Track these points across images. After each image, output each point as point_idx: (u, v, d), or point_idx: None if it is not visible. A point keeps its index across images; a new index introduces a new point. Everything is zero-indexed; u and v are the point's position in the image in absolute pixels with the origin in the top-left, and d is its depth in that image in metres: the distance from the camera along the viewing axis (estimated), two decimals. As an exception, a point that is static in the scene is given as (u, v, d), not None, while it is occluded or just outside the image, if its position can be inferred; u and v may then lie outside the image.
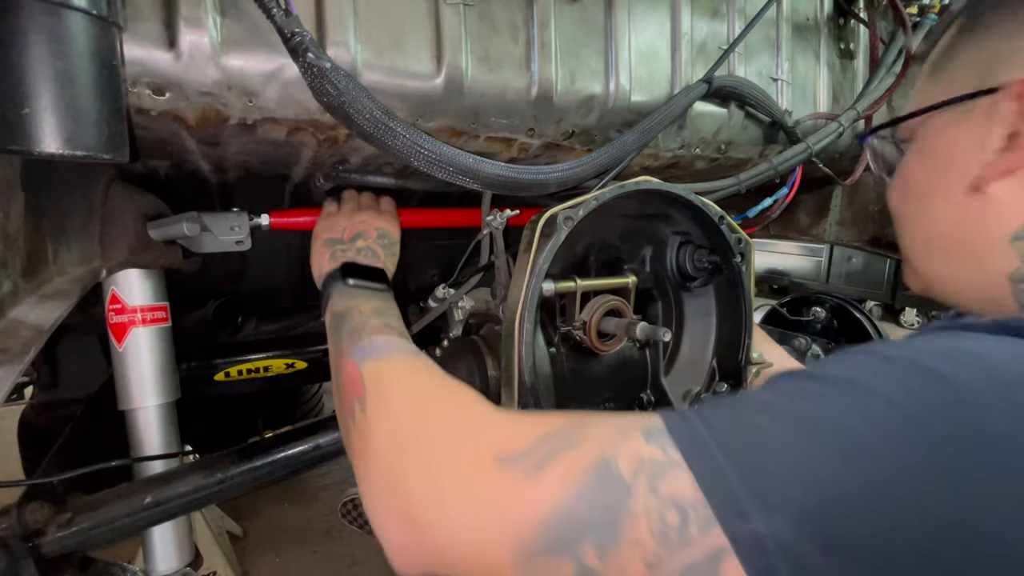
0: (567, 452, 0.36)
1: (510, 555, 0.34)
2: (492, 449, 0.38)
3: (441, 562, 0.39)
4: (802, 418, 0.32)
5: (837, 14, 0.97)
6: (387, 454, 0.44)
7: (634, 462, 0.33)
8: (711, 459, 0.31)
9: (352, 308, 0.64)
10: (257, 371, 1.34)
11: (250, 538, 1.58)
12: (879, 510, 0.28)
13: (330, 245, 0.75)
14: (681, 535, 0.30)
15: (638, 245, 0.83)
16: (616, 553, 0.32)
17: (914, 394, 0.30)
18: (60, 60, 0.41)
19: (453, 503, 0.38)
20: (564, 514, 0.33)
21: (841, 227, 1.22)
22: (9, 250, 0.53)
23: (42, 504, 0.67)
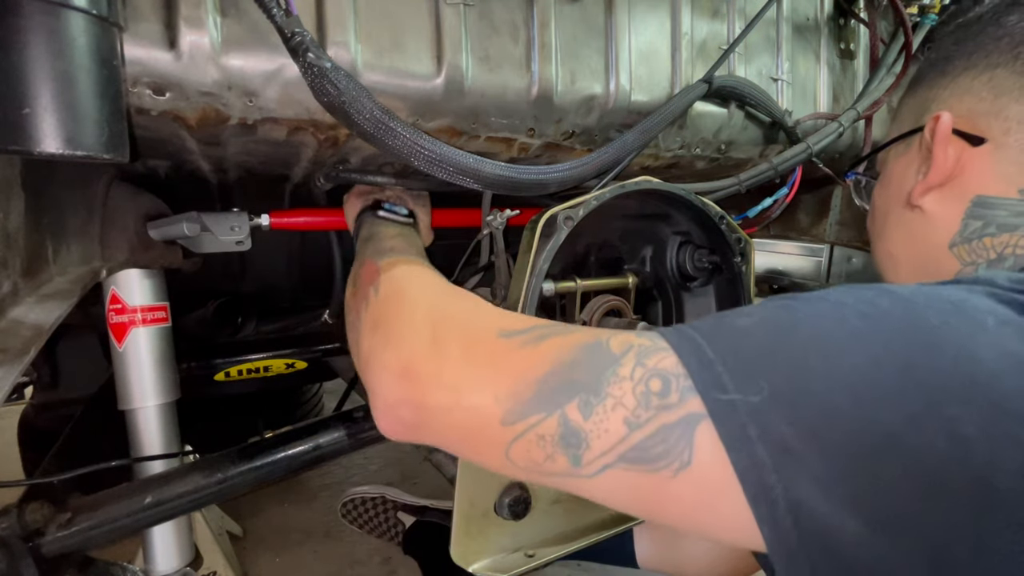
0: (564, 334, 0.40)
1: (500, 410, 0.37)
2: (497, 325, 0.42)
3: (430, 420, 0.41)
4: (778, 319, 0.35)
5: (837, 14, 0.97)
6: (395, 322, 0.46)
7: (625, 344, 0.37)
8: (696, 345, 0.34)
9: (377, 232, 0.68)
10: (257, 371, 1.34)
11: (250, 538, 1.57)
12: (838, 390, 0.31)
13: (362, 195, 0.79)
14: (661, 399, 0.33)
15: (638, 245, 0.83)
16: (600, 410, 0.34)
17: (875, 304, 0.34)
18: (60, 60, 0.41)
19: (453, 359, 0.41)
20: (555, 375, 0.36)
21: (841, 227, 1.22)
22: (9, 250, 0.53)
23: (42, 504, 0.67)
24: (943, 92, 0.56)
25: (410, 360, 0.42)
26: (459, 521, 0.67)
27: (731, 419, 0.31)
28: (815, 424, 0.30)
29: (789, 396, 0.31)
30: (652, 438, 0.33)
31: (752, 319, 0.36)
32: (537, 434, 0.36)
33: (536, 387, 0.37)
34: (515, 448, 0.37)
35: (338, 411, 0.89)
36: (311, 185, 0.82)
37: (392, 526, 1.47)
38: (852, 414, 0.30)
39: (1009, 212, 0.48)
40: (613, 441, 0.34)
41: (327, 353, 1.40)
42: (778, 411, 0.31)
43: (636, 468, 0.34)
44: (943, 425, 0.29)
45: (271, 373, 1.35)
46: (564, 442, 0.35)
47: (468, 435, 0.40)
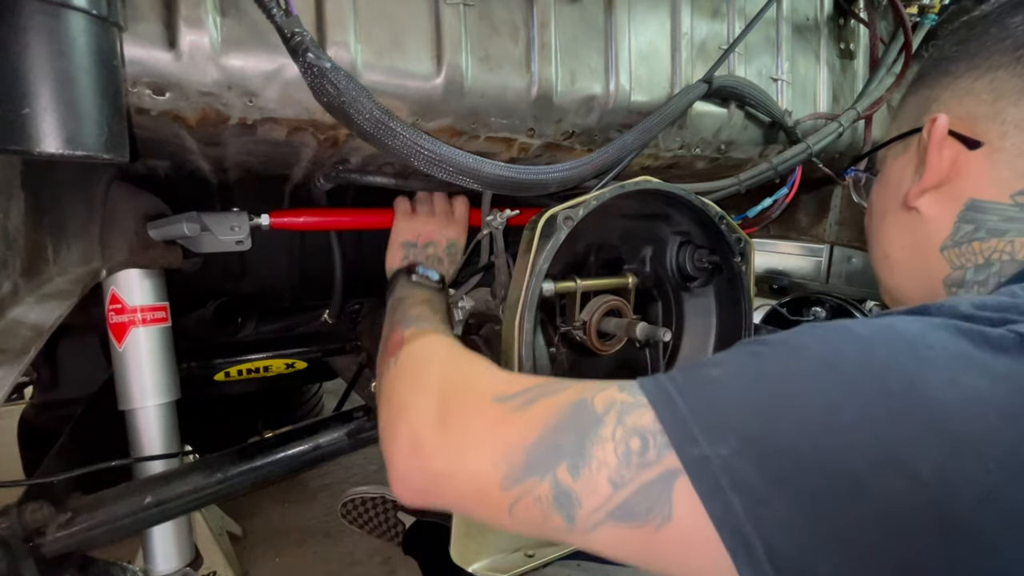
0: (552, 395, 0.42)
1: (498, 476, 0.40)
2: (492, 391, 0.45)
3: (438, 489, 0.45)
4: (746, 368, 0.38)
5: (837, 14, 0.97)
6: (406, 394, 0.51)
7: (607, 402, 0.39)
8: (670, 400, 0.36)
9: (408, 296, 0.72)
10: (257, 371, 1.34)
11: (250, 538, 1.57)
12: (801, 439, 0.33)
13: (405, 248, 0.83)
14: (641, 457, 0.35)
15: (638, 245, 0.83)
16: (585, 471, 0.37)
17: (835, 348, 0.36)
18: (60, 60, 0.41)
19: (453, 431, 0.44)
20: (544, 440, 0.39)
21: (841, 227, 1.22)
22: (9, 250, 0.53)
23: (42, 504, 0.67)
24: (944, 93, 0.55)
25: (417, 435, 0.46)
26: (459, 521, 0.67)
27: (705, 473, 0.33)
28: (781, 473, 0.32)
29: (757, 447, 0.33)
30: (635, 496, 0.35)
31: (723, 369, 0.38)
32: (534, 496, 0.39)
33: (527, 453, 0.39)
34: (516, 510, 0.40)
35: (338, 411, 0.89)
36: (311, 185, 0.82)
37: (392, 526, 1.47)
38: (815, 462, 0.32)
39: (1000, 217, 0.49)
40: (601, 500, 0.36)
41: (327, 353, 1.40)
42: (747, 463, 0.33)
43: (624, 524, 0.36)
44: (900, 469, 0.30)
45: (271, 373, 1.35)
46: (558, 503, 0.38)
47: (473, 500, 0.43)
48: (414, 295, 0.73)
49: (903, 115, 0.61)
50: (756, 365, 0.37)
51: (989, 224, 0.49)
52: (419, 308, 0.68)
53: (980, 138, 0.50)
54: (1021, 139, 0.48)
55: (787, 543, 0.31)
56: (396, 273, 0.80)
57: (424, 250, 0.83)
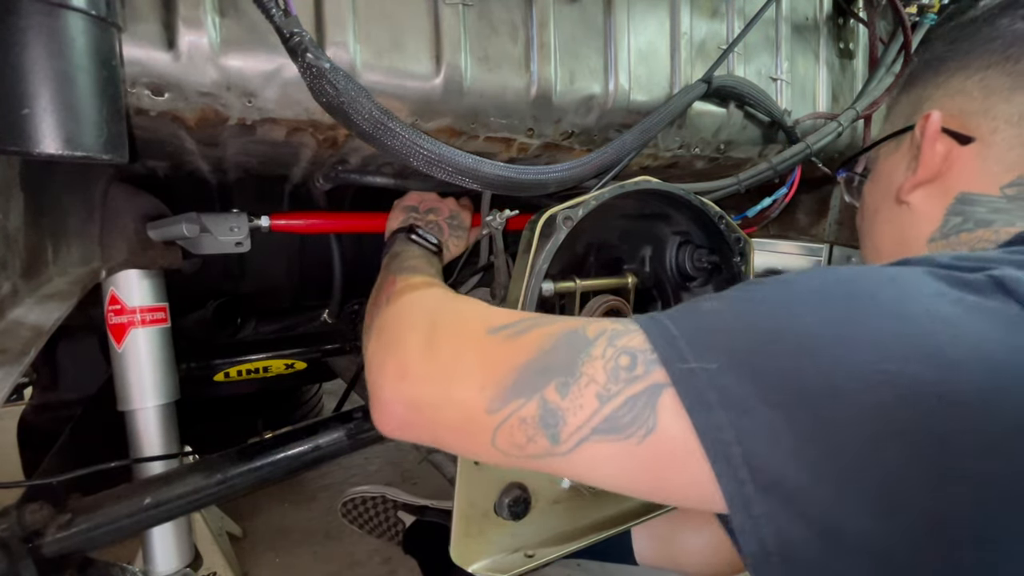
0: (544, 325, 0.43)
1: (485, 400, 0.40)
2: (486, 323, 0.46)
3: (422, 416, 0.45)
4: (736, 299, 0.39)
5: (836, 14, 0.97)
6: (396, 329, 0.51)
7: (599, 329, 0.40)
8: (662, 325, 0.38)
9: (404, 251, 0.73)
10: (257, 372, 1.34)
11: (250, 539, 1.57)
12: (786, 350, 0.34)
13: (406, 211, 0.84)
14: (629, 372, 0.37)
15: (638, 245, 0.83)
16: (575, 388, 0.38)
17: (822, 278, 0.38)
18: (59, 61, 0.41)
19: (443, 358, 0.45)
20: (534, 362, 0.40)
21: (840, 227, 1.22)
22: (9, 251, 0.53)
23: (42, 505, 0.67)
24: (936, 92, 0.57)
25: (405, 362, 0.47)
26: (459, 521, 0.67)
27: (692, 385, 0.34)
28: (766, 386, 0.33)
29: (743, 360, 0.34)
30: (621, 408, 0.36)
31: (715, 302, 0.40)
32: (519, 418, 0.39)
33: (516, 374, 0.40)
34: (500, 434, 0.40)
35: (338, 411, 0.89)
36: (310, 185, 0.82)
37: (392, 526, 1.47)
38: (801, 376, 0.33)
39: (987, 208, 0.50)
40: (587, 415, 0.37)
41: (327, 353, 1.40)
42: (732, 374, 0.34)
43: (608, 438, 0.37)
44: (885, 383, 0.31)
45: (271, 374, 1.35)
46: (543, 422, 0.38)
47: (457, 428, 0.43)
48: (409, 251, 0.73)
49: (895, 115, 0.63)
50: (747, 295, 0.39)
51: (977, 215, 0.50)
52: (413, 262, 0.69)
53: (971, 134, 0.52)
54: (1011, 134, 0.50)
55: (768, 452, 0.32)
56: (395, 232, 0.80)
57: (425, 215, 0.83)
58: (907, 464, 0.30)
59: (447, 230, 0.83)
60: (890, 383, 0.31)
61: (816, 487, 0.31)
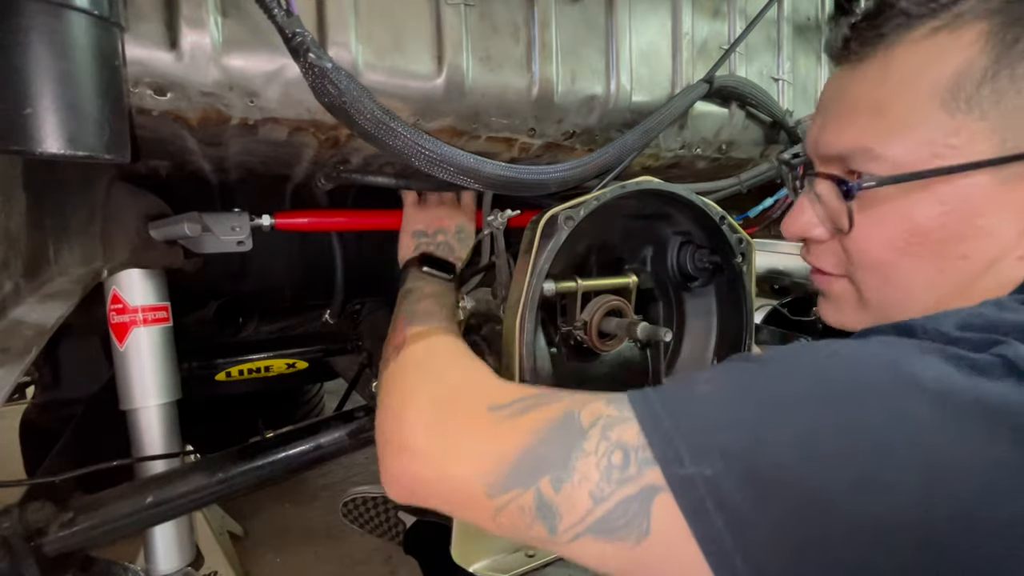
0: (542, 407, 0.42)
1: (484, 486, 0.40)
2: (486, 400, 0.46)
3: (426, 492, 0.45)
4: (734, 385, 0.38)
5: (838, 14, 0.97)
6: (400, 397, 0.51)
7: (594, 416, 0.39)
8: (655, 415, 0.37)
9: (417, 288, 0.73)
10: (258, 371, 1.34)
11: (251, 538, 1.57)
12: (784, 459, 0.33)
13: (416, 237, 0.83)
14: (622, 472, 0.36)
15: (639, 245, 0.83)
16: (568, 485, 0.37)
17: (823, 368, 0.36)
18: (62, 61, 0.41)
19: (444, 438, 0.45)
20: (530, 452, 0.40)
21: (842, 227, 1.21)
22: (11, 250, 0.53)
23: (44, 503, 0.67)
24: None
25: (408, 436, 0.47)
26: (460, 521, 0.67)
27: (690, 493, 0.33)
28: (765, 494, 0.32)
29: (741, 467, 0.33)
30: (615, 510, 0.36)
31: (711, 385, 0.38)
32: (518, 506, 0.39)
33: (512, 463, 0.40)
34: (502, 517, 0.40)
35: (339, 411, 0.89)
36: (312, 185, 0.83)
37: (393, 525, 1.47)
38: (798, 484, 0.32)
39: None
40: (581, 514, 0.37)
41: (328, 353, 1.40)
42: (731, 483, 0.33)
43: (602, 539, 0.36)
44: (882, 489, 0.31)
45: (272, 373, 1.35)
46: (540, 514, 0.38)
47: (460, 504, 0.43)
48: (422, 288, 0.73)
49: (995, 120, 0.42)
50: (744, 383, 0.38)
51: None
52: (425, 303, 0.69)
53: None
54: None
55: (771, 563, 0.32)
56: (407, 264, 0.80)
57: (434, 238, 0.83)
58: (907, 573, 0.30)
59: (457, 247, 0.84)
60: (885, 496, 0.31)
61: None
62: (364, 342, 1.25)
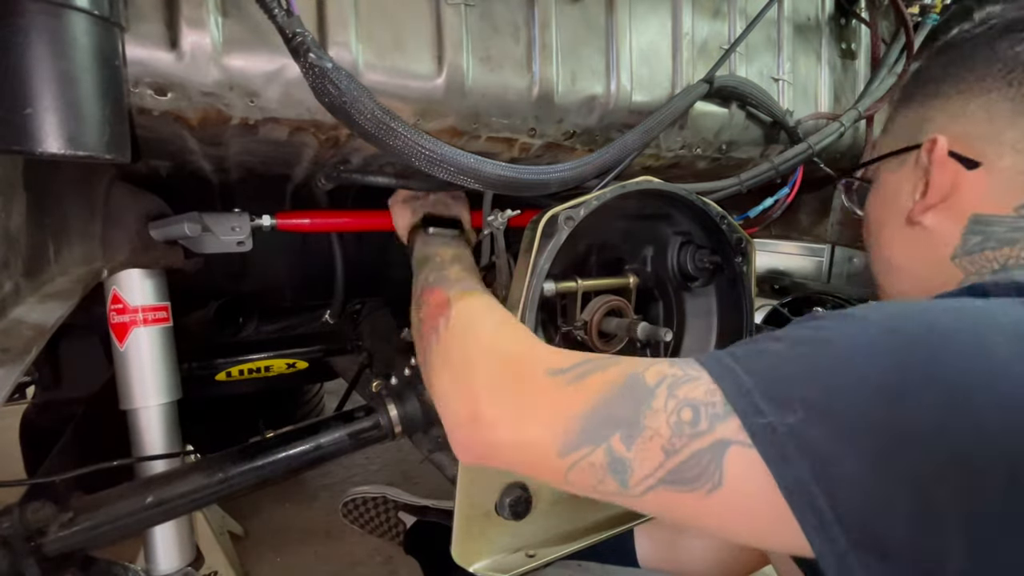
0: (604, 370, 0.44)
1: (555, 446, 0.42)
2: (545, 364, 0.47)
3: (498, 454, 0.47)
4: (807, 339, 0.39)
5: (838, 14, 0.97)
6: (463, 364, 0.52)
7: (658, 375, 0.40)
8: (732, 373, 0.38)
9: (433, 254, 0.72)
10: (258, 371, 1.34)
11: (251, 538, 1.57)
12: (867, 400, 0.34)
13: (409, 202, 0.83)
14: (692, 427, 0.37)
15: (639, 245, 0.83)
16: (639, 440, 0.39)
17: (897, 317, 0.38)
18: (62, 61, 0.41)
19: (512, 402, 0.46)
20: (598, 411, 0.41)
21: (842, 227, 1.21)
22: (11, 250, 0.53)
23: (44, 503, 0.67)
24: (937, 113, 0.57)
25: (475, 405, 0.48)
26: (460, 521, 0.67)
27: (771, 441, 0.34)
28: (849, 435, 0.33)
29: (823, 413, 0.34)
30: (686, 463, 0.37)
31: (783, 343, 0.39)
32: (589, 463, 0.41)
33: (582, 423, 0.41)
34: (572, 474, 0.42)
35: (339, 411, 0.89)
36: (312, 185, 0.83)
37: (393, 526, 1.47)
38: (882, 421, 0.33)
39: (1007, 227, 0.51)
40: (653, 466, 0.38)
41: (328, 353, 1.40)
42: (814, 428, 0.34)
43: (675, 488, 0.38)
44: (967, 422, 0.31)
45: (272, 373, 1.35)
46: (612, 469, 0.40)
47: (532, 465, 0.45)
48: (441, 252, 0.72)
49: (895, 130, 0.64)
50: (817, 336, 0.39)
51: (997, 234, 0.51)
52: (454, 268, 0.69)
53: (978, 158, 0.53)
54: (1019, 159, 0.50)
55: (856, 505, 0.32)
56: (412, 230, 0.80)
57: (427, 199, 0.83)
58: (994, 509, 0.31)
59: (454, 205, 0.83)
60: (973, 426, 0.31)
61: (909, 534, 0.31)
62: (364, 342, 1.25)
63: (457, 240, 0.77)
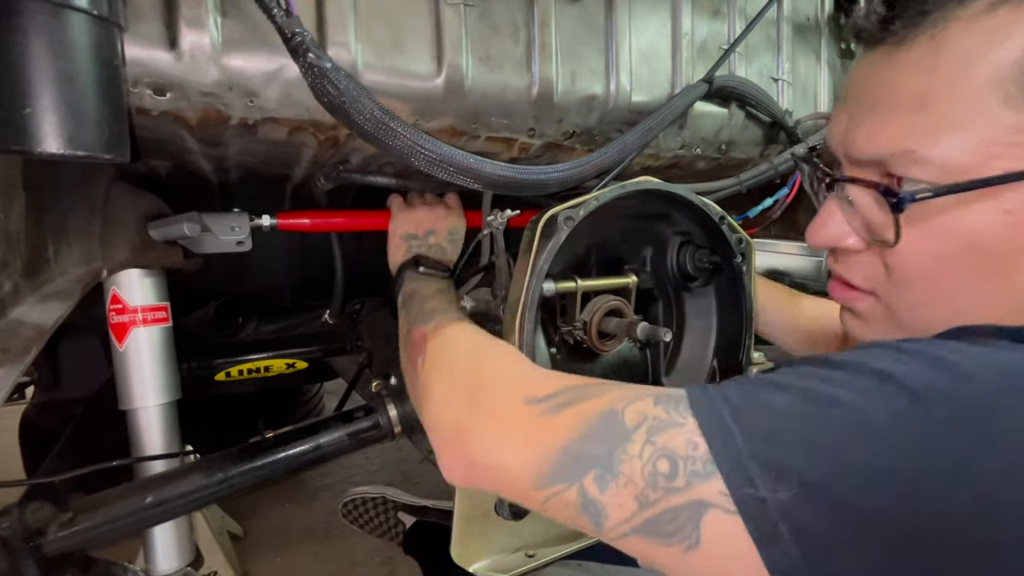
0: (583, 401, 0.41)
1: (529, 478, 0.40)
2: (523, 392, 0.45)
3: (480, 476, 0.46)
4: (815, 397, 0.33)
5: (838, 14, 0.97)
6: (444, 391, 0.52)
7: (639, 416, 0.37)
8: (724, 428, 0.34)
9: (419, 289, 0.73)
10: (258, 371, 1.34)
11: (251, 538, 1.57)
12: (880, 483, 0.29)
13: (406, 240, 0.84)
14: (668, 482, 0.34)
15: (639, 245, 0.83)
16: (612, 486, 0.36)
17: (924, 379, 0.31)
18: (61, 60, 0.41)
19: (487, 427, 0.45)
20: (571, 448, 0.39)
21: (842, 227, 1.21)
22: (11, 250, 0.53)
23: (43, 504, 0.67)
24: None
25: (456, 426, 0.48)
26: (459, 521, 0.67)
27: (760, 515, 0.31)
28: (850, 525, 0.29)
29: (821, 494, 0.30)
30: (661, 517, 0.34)
31: (788, 396, 0.34)
32: (563, 499, 0.38)
33: (556, 458, 0.39)
34: (548, 507, 0.40)
35: (339, 411, 0.89)
36: (312, 185, 0.83)
37: (392, 526, 1.47)
38: (889, 519, 0.29)
39: None
40: (627, 515, 0.35)
41: (328, 353, 1.40)
42: (810, 508, 0.30)
43: (651, 540, 0.35)
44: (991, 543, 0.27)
45: (272, 373, 1.35)
46: (585, 510, 0.37)
47: (510, 491, 0.44)
48: (424, 288, 0.73)
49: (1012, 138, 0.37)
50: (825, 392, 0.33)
51: None
52: (433, 301, 0.69)
53: None
54: None
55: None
56: (402, 267, 0.80)
57: (426, 240, 0.83)
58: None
59: (450, 249, 0.84)
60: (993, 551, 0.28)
61: None
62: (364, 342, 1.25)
63: (443, 280, 0.77)
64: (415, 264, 0.79)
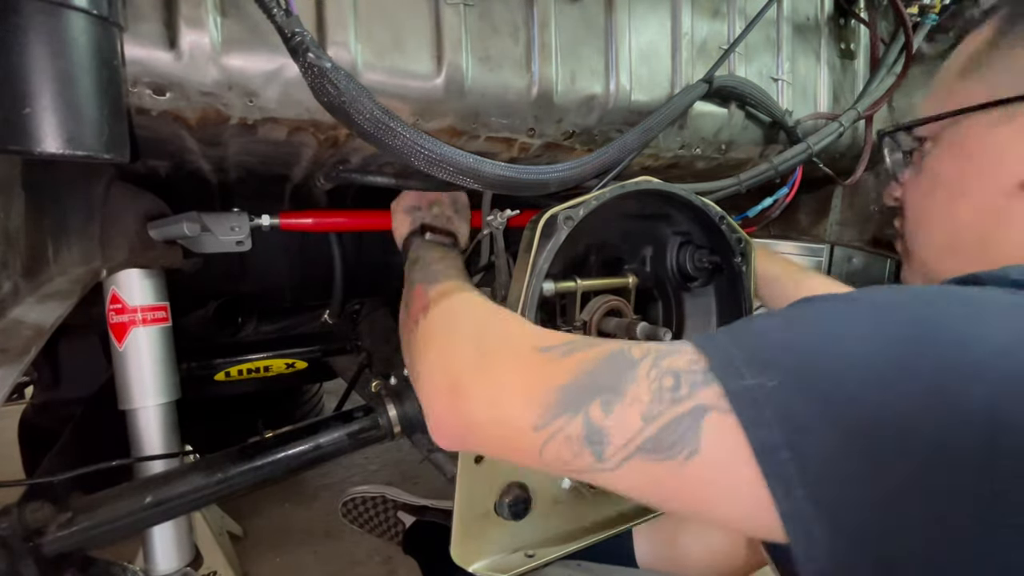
0: (590, 347, 0.43)
1: (531, 418, 0.41)
2: (533, 342, 0.46)
3: (475, 432, 0.46)
4: (795, 316, 0.39)
5: (838, 14, 0.97)
6: (443, 344, 0.52)
7: (644, 350, 0.40)
8: (719, 343, 0.38)
9: (424, 255, 0.73)
10: (257, 371, 1.34)
11: (250, 538, 1.57)
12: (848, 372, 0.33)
13: (410, 212, 0.83)
14: (673, 393, 0.37)
15: (638, 245, 0.83)
16: (619, 407, 0.38)
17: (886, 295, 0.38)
18: (61, 60, 0.41)
19: (493, 376, 0.46)
20: (580, 380, 0.40)
21: (841, 227, 1.22)
22: (10, 250, 0.53)
23: (42, 504, 0.67)
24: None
25: (457, 379, 0.47)
26: (459, 521, 0.67)
27: (749, 403, 0.34)
28: (827, 406, 0.32)
29: (803, 380, 0.33)
30: (665, 429, 0.36)
31: (778, 319, 0.39)
32: (565, 435, 0.40)
33: (561, 393, 0.40)
34: (547, 450, 0.41)
35: (338, 411, 0.89)
36: (311, 185, 0.82)
37: (392, 526, 1.47)
38: (861, 394, 0.32)
39: None
40: (631, 434, 0.37)
41: (327, 353, 1.40)
42: (792, 393, 0.33)
43: (652, 457, 0.37)
44: (948, 401, 0.30)
45: (271, 373, 1.35)
46: (588, 440, 0.39)
47: (507, 443, 0.44)
48: (430, 253, 0.73)
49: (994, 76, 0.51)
50: (812, 312, 0.38)
51: None
52: (439, 264, 0.69)
53: None
54: None
55: (826, 475, 0.31)
56: (409, 235, 0.80)
57: (430, 211, 0.83)
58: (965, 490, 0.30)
59: (455, 218, 0.84)
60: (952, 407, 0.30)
61: (877, 512, 0.31)
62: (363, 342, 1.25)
63: (449, 248, 0.77)
64: (422, 231, 0.79)
